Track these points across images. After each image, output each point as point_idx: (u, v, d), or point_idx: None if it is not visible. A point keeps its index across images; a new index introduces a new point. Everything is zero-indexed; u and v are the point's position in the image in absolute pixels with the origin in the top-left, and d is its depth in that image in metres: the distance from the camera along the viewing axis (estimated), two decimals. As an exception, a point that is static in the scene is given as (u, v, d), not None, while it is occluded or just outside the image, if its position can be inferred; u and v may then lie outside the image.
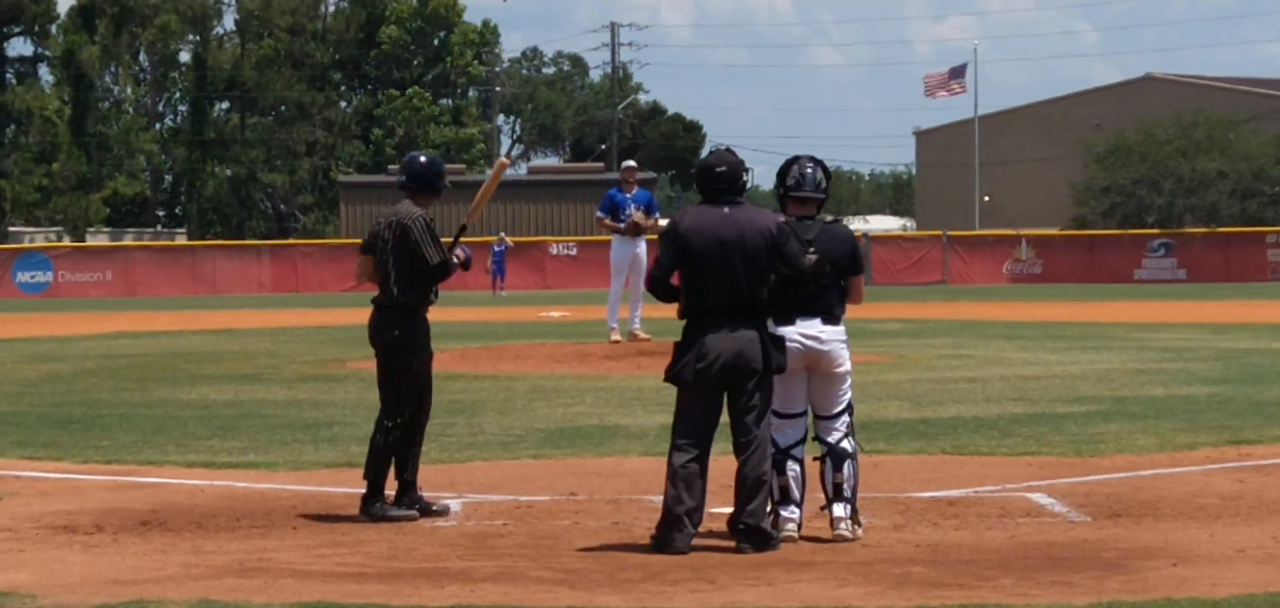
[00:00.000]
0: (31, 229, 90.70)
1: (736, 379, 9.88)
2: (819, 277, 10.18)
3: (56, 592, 8.87)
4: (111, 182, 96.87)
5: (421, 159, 11.61)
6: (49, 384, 22.06)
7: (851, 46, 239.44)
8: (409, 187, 11.43)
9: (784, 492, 10.28)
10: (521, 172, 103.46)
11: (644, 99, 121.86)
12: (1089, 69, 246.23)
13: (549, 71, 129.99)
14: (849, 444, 10.36)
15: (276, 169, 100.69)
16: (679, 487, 9.86)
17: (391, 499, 11.21)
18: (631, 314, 25.84)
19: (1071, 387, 20.06)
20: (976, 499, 11.70)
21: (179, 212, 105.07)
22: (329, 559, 9.74)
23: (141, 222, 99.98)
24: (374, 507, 11.14)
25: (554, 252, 66.21)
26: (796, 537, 10.17)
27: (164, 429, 16.46)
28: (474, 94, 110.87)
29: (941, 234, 69.83)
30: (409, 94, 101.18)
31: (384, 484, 11.21)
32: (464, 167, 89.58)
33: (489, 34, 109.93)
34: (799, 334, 10.18)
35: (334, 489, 12.41)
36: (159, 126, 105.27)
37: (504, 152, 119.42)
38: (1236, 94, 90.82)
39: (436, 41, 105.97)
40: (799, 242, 10.13)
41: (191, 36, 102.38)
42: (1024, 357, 25.06)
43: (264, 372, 23.61)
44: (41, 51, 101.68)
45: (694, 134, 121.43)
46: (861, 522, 10.36)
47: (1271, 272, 64.03)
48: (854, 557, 9.69)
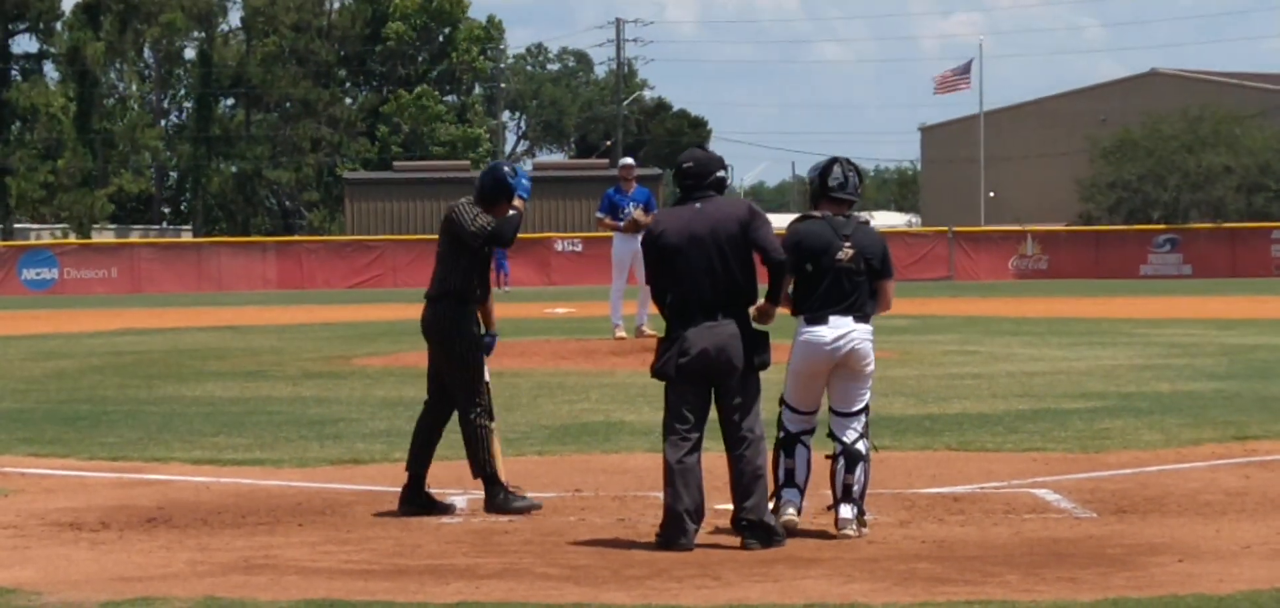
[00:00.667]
0: (37, 226, 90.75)
1: (718, 374, 9.89)
2: (854, 273, 10.23)
3: (62, 589, 8.87)
4: (117, 178, 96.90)
5: (505, 167, 11.59)
6: (55, 381, 22.07)
7: (857, 42, 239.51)
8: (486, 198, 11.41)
9: (789, 474, 10.30)
10: (527, 168, 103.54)
11: (649, 95, 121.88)
12: (1094, 64, 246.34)
13: (554, 68, 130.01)
14: (863, 446, 10.35)
15: (282, 166, 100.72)
16: (676, 485, 9.87)
17: (513, 488, 11.19)
18: (639, 311, 25.86)
19: (1077, 383, 20.05)
20: (982, 495, 11.69)
21: (184, 208, 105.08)
22: (334, 556, 9.74)
23: (147, 218, 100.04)
24: (498, 497, 11.10)
25: (559, 248, 66.19)
26: (797, 520, 10.18)
27: (169, 426, 16.47)
28: (479, 91, 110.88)
29: (947, 230, 69.78)
30: (417, 92, 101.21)
31: (497, 473, 11.16)
32: (469, 163, 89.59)
33: (494, 30, 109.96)
34: (831, 334, 10.18)
35: (339, 486, 12.42)
36: (164, 123, 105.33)
37: (509, 149, 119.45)
38: (1243, 89, 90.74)
39: (441, 38, 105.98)
40: (837, 236, 10.20)
41: (197, 33, 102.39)
42: (1030, 353, 25.04)
43: (269, 369, 23.61)
44: (46, 48, 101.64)
45: (699, 130, 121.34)
46: (867, 523, 10.35)
47: (1277, 267, 63.94)
48: (860, 553, 9.69)
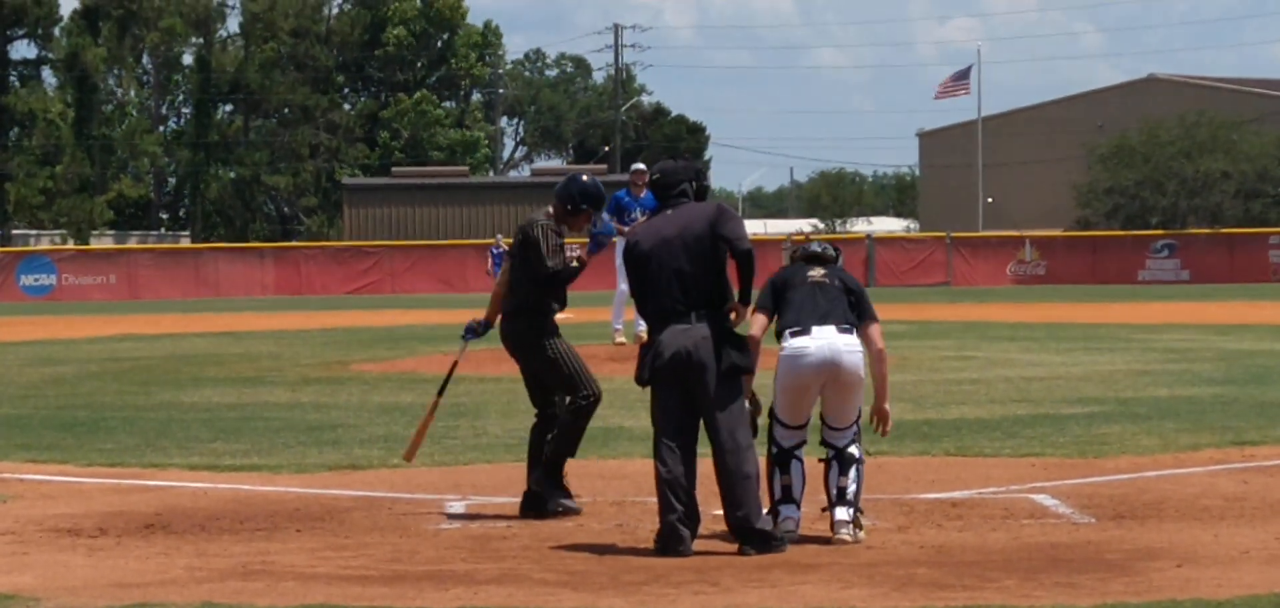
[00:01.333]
0: (35, 232, 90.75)
1: (690, 375, 9.90)
2: (829, 288, 10.33)
3: (60, 595, 8.87)
4: (115, 184, 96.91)
5: (585, 180, 11.55)
6: (53, 387, 22.06)
7: (855, 48, 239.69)
8: (568, 209, 11.40)
9: (785, 491, 10.30)
10: (525, 174, 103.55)
11: (647, 101, 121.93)
12: (1092, 70, 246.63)
13: (552, 73, 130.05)
14: (856, 450, 10.37)
15: (280, 172, 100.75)
16: (668, 494, 9.89)
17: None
18: (636, 316, 25.82)
19: (1075, 388, 20.05)
20: (980, 501, 11.69)
21: (183, 214, 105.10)
22: (332, 562, 9.74)
23: (145, 224, 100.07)
24: (551, 488, 11.13)
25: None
26: (795, 533, 10.19)
27: (167, 432, 16.47)
28: (477, 96, 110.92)
29: (945, 236, 69.81)
30: (416, 97, 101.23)
31: (563, 467, 11.19)
32: (468, 169, 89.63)
33: (492, 36, 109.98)
34: (814, 345, 10.19)
35: (337, 492, 12.41)
36: (163, 129, 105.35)
37: (507, 155, 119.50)
38: (1240, 95, 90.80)
39: (439, 44, 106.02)
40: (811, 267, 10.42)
41: (195, 39, 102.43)
42: (1028, 358, 25.05)
43: (267, 374, 23.61)
44: (45, 54, 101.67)
45: (698, 136, 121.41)
46: (863, 526, 10.36)
47: (1274, 272, 63.97)
48: (858, 558, 9.69)
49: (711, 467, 10.05)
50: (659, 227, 10.15)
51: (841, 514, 10.23)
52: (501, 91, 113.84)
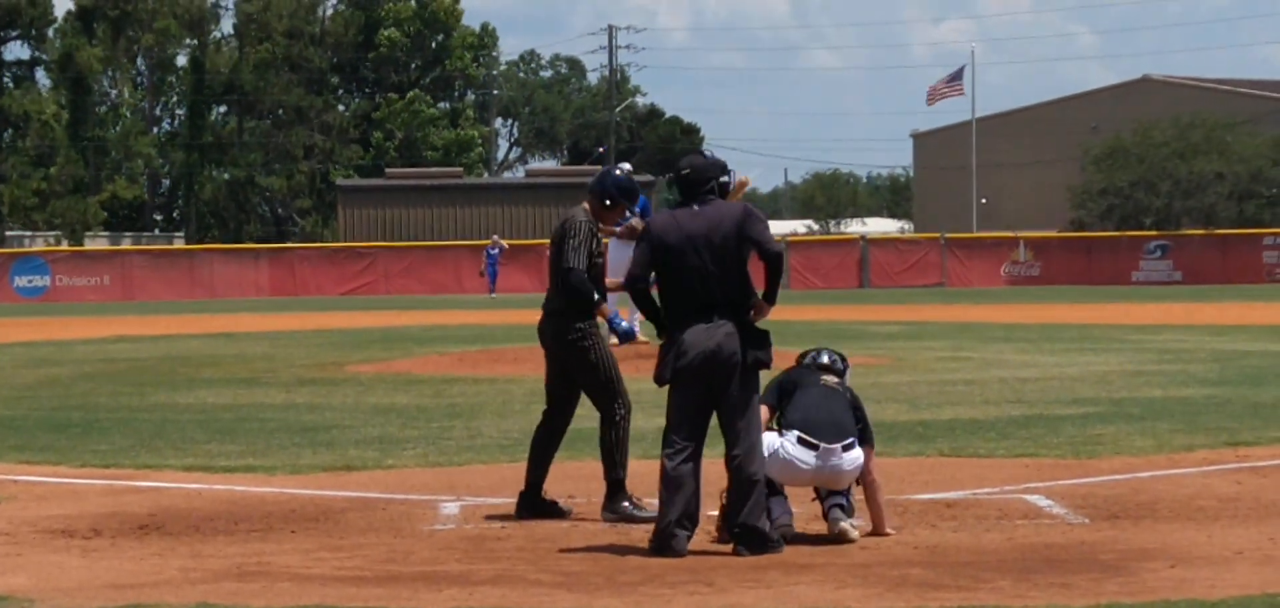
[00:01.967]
0: (29, 233, 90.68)
1: (717, 374, 9.90)
2: (840, 394, 10.40)
3: (54, 596, 8.87)
4: (109, 185, 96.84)
5: (619, 172, 11.51)
6: (47, 388, 22.05)
7: (849, 49, 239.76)
8: (607, 204, 11.34)
9: (775, 486, 10.32)
10: (519, 175, 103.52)
11: (641, 102, 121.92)
12: (1086, 71, 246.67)
13: (546, 74, 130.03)
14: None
15: (275, 173, 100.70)
16: (671, 491, 9.88)
17: (636, 499, 11.13)
18: (630, 316, 25.84)
19: (1069, 389, 20.07)
20: (974, 501, 11.70)
21: (177, 215, 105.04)
22: (327, 563, 9.74)
23: (139, 225, 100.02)
24: (620, 505, 11.06)
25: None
26: (791, 531, 10.19)
27: (162, 433, 16.46)
28: (472, 97, 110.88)
29: (939, 237, 69.83)
30: (409, 97, 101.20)
31: (624, 479, 11.12)
32: (462, 170, 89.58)
33: (487, 37, 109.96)
34: (817, 462, 10.22)
35: (332, 493, 12.41)
36: (157, 130, 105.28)
37: (502, 156, 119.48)
38: (1234, 96, 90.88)
39: (434, 45, 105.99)
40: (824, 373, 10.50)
41: (189, 40, 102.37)
42: (1022, 359, 25.07)
43: (262, 375, 23.61)
44: (39, 55, 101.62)
45: (692, 137, 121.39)
46: (858, 525, 10.36)
47: (1268, 273, 64.05)
48: (852, 559, 9.70)
49: (708, 464, 10.06)
50: (685, 223, 10.01)
51: (837, 513, 10.22)
52: (496, 92, 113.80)
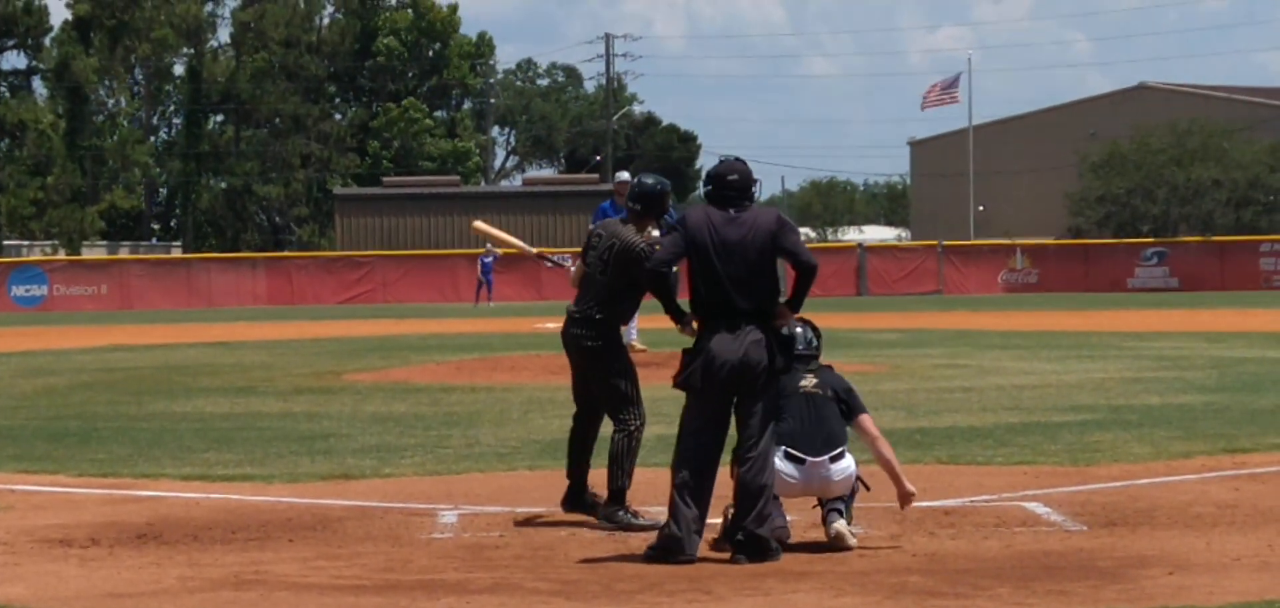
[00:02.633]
0: (26, 242, 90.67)
1: (743, 381, 9.89)
2: (821, 398, 10.29)
3: (52, 605, 8.86)
4: (107, 195, 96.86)
5: (651, 181, 11.48)
6: (44, 398, 22.04)
7: (845, 57, 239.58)
8: (638, 210, 11.29)
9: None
10: (516, 183, 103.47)
11: (638, 110, 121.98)
12: (1083, 79, 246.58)
13: (543, 83, 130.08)
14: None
15: (272, 182, 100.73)
16: (684, 496, 9.86)
17: (637, 511, 11.11)
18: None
19: (1067, 396, 20.07)
20: (973, 509, 11.70)
21: (174, 224, 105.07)
22: (325, 572, 9.73)
23: (137, 235, 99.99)
24: (617, 514, 11.04)
25: (549, 263, 66.15)
26: (787, 537, 10.19)
27: (160, 442, 16.45)
28: (469, 106, 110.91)
29: (936, 244, 69.82)
30: (405, 105, 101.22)
31: (626, 490, 11.10)
32: (459, 179, 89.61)
33: (484, 46, 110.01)
34: (806, 476, 10.20)
35: (330, 501, 12.40)
36: (154, 139, 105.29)
37: (499, 164, 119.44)
38: (1231, 103, 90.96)
39: (431, 53, 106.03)
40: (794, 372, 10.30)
41: (186, 49, 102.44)
42: (1019, 366, 25.06)
43: (259, 384, 23.60)
44: (36, 64, 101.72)
45: (689, 145, 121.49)
46: (857, 532, 10.35)
47: (1265, 280, 64.06)
48: (850, 566, 9.69)
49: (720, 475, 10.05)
50: (721, 227, 9.96)
51: (836, 521, 10.20)
52: (493, 101, 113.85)
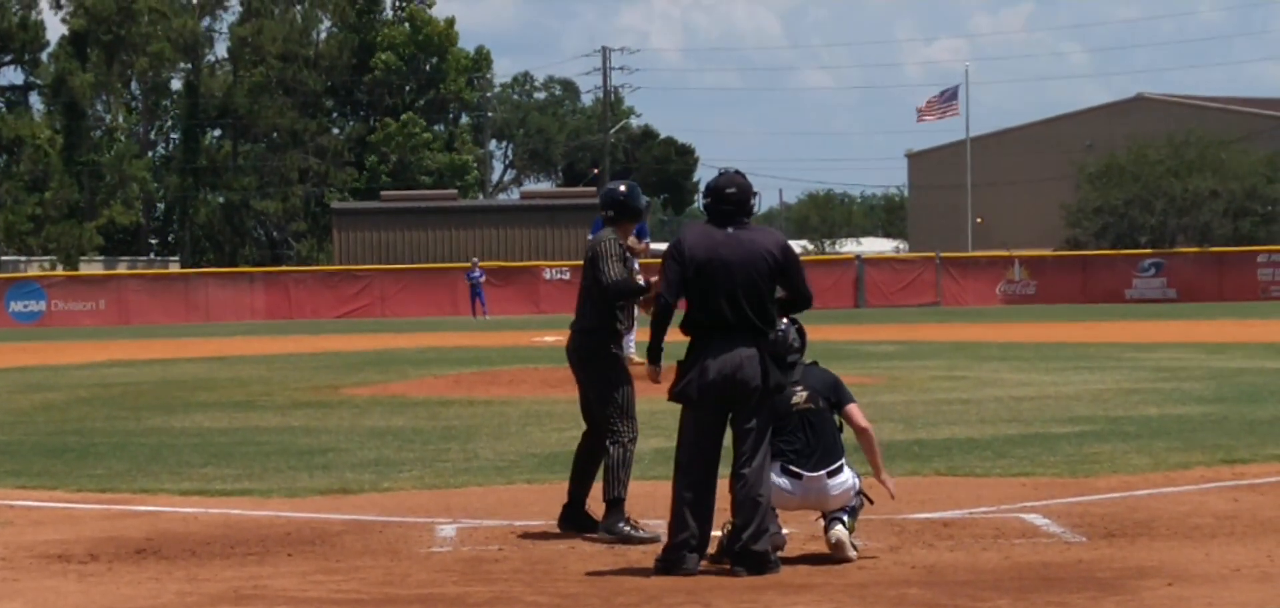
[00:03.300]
0: (24, 258, 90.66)
1: (736, 395, 9.87)
2: (813, 413, 10.23)
3: (51, 621, 8.86)
4: (104, 210, 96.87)
5: (619, 187, 11.53)
6: (43, 413, 22.03)
7: (842, 69, 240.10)
8: (610, 215, 11.33)
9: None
10: (514, 197, 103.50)
11: (635, 123, 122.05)
12: (1079, 90, 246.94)
13: (541, 96, 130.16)
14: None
15: (269, 196, 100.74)
16: (685, 512, 9.85)
17: (636, 522, 11.10)
18: (626, 339, 25.82)
19: (1066, 407, 20.07)
20: (972, 520, 11.69)
21: (172, 239, 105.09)
22: (324, 586, 9.73)
23: (134, 250, 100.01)
24: (616, 525, 11.02)
25: (547, 276, 66.22)
26: (784, 544, 10.19)
27: (158, 457, 16.44)
28: (466, 120, 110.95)
29: (934, 256, 69.87)
30: (403, 120, 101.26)
31: (623, 499, 11.09)
32: (457, 193, 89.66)
33: (482, 60, 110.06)
34: (804, 491, 10.20)
35: (328, 516, 12.40)
36: (151, 154, 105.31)
37: (496, 178, 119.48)
38: (1228, 114, 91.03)
39: (429, 68, 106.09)
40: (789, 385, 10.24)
41: (183, 64, 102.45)
42: (1018, 378, 25.06)
43: (258, 399, 23.60)
44: (32, 80, 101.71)
45: (686, 158, 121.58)
46: (857, 545, 10.35)
47: (1262, 290, 64.10)
48: (850, 579, 9.69)
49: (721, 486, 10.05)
50: (719, 246, 9.90)
51: (838, 531, 10.18)
52: (490, 115, 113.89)
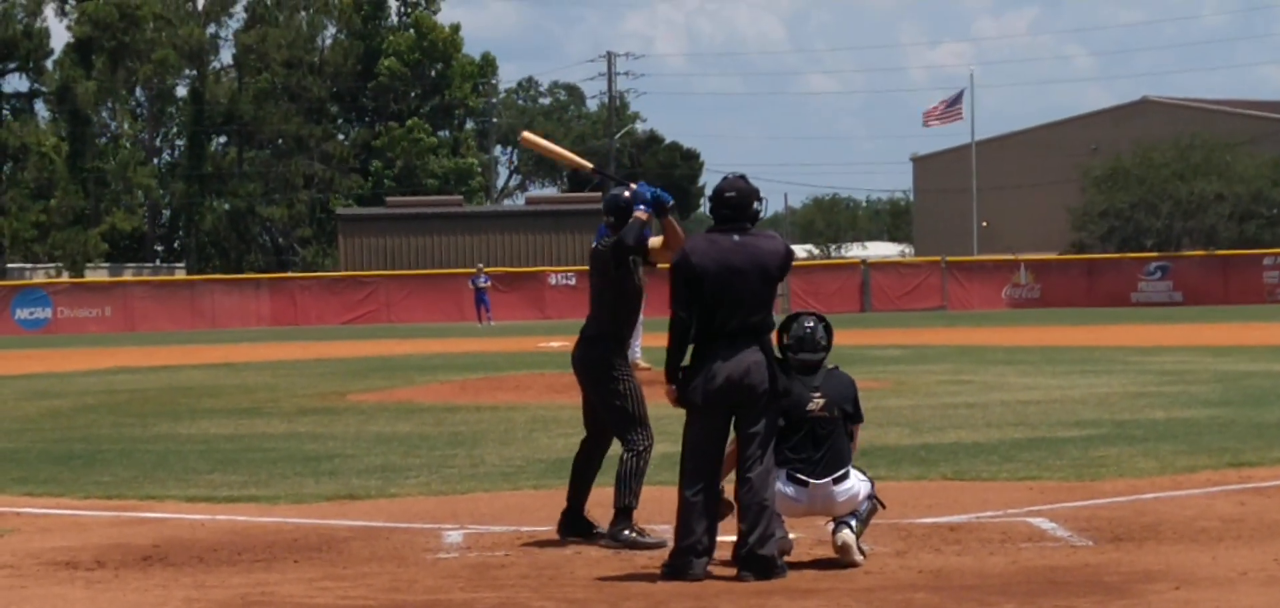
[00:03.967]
0: (30, 265, 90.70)
1: (742, 400, 9.88)
2: (827, 421, 10.20)
3: (59, 628, 8.86)
4: (109, 217, 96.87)
5: (623, 193, 11.48)
6: (49, 421, 22.04)
7: (846, 74, 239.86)
8: (613, 221, 11.25)
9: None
10: (519, 202, 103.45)
11: (641, 128, 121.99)
12: (1085, 93, 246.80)
13: (545, 102, 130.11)
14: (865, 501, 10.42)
15: (275, 203, 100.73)
16: (691, 517, 9.85)
17: (643, 530, 11.07)
18: (632, 343, 25.82)
19: (1072, 411, 20.06)
20: (978, 525, 11.69)
21: (177, 246, 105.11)
22: (331, 592, 9.73)
23: (140, 257, 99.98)
24: (622, 533, 11.01)
25: (552, 282, 66.24)
26: (790, 548, 10.19)
27: (165, 464, 16.45)
28: (471, 125, 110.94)
29: (940, 260, 69.83)
30: (408, 126, 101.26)
31: (633, 508, 11.05)
32: (462, 198, 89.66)
33: (487, 66, 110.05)
34: (810, 498, 10.19)
35: (335, 522, 12.40)
36: (157, 161, 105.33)
37: (501, 183, 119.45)
38: (1233, 117, 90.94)
39: (434, 73, 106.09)
40: (808, 389, 10.21)
41: (188, 71, 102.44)
42: (1024, 381, 25.05)
43: (264, 405, 23.60)
44: (37, 87, 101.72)
45: (692, 162, 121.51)
46: (864, 549, 10.34)
47: (1269, 293, 64.04)
48: (856, 583, 9.68)
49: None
50: (726, 254, 9.89)
51: (846, 535, 10.16)
52: (495, 120, 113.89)
